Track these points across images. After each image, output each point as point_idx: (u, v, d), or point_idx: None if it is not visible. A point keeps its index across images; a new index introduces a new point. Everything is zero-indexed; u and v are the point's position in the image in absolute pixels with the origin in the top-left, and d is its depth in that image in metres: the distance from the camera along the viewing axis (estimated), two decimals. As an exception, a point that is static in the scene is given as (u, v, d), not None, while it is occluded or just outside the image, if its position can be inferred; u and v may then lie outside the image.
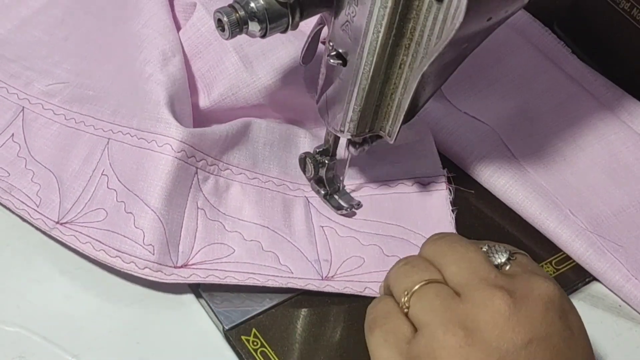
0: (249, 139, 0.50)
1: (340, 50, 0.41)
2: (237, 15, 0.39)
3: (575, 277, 0.49)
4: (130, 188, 0.45)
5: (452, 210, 0.50)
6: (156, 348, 0.43)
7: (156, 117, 0.46)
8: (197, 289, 0.45)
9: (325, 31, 0.43)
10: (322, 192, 0.49)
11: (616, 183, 0.53)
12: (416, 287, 0.37)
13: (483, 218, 0.51)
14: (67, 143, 0.49)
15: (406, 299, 0.37)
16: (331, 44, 0.41)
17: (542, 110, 0.56)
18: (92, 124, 0.49)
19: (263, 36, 0.40)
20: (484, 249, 0.39)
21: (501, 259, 0.38)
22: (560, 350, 0.35)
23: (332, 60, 0.41)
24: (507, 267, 0.38)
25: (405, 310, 0.37)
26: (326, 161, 0.48)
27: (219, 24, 0.40)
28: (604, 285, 0.48)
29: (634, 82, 0.57)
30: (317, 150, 0.48)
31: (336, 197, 0.49)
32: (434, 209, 0.50)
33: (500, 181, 0.52)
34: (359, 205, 0.49)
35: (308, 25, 0.43)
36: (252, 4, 0.39)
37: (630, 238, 0.49)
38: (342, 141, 0.47)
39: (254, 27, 0.39)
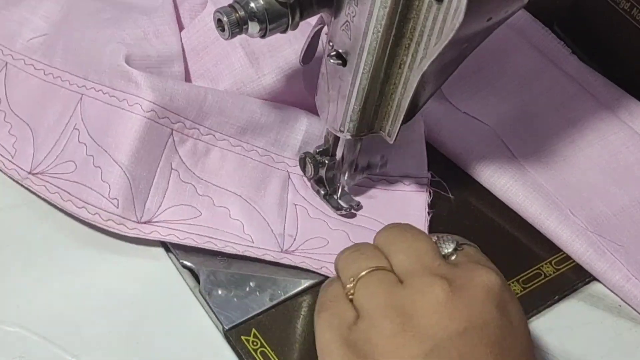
0: (242, 109, 0.49)
1: (340, 50, 0.41)
2: (237, 15, 0.39)
3: (575, 277, 0.49)
4: (100, 143, 0.47)
5: (428, 213, 0.50)
6: (156, 348, 0.43)
7: (127, 76, 0.47)
8: (197, 287, 0.45)
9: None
10: (322, 192, 0.49)
11: (616, 183, 0.53)
12: (362, 273, 0.37)
13: (483, 218, 0.51)
14: (44, 97, 0.50)
15: (351, 285, 0.37)
16: (331, 44, 0.41)
17: (542, 110, 0.56)
18: (67, 79, 0.50)
19: (263, 36, 0.40)
20: (434, 239, 0.39)
21: (448, 248, 0.39)
22: (497, 340, 0.35)
23: (332, 60, 0.41)
24: (454, 257, 0.39)
25: (350, 296, 0.37)
26: (326, 161, 0.48)
27: (219, 23, 0.40)
28: (604, 285, 0.48)
29: (634, 82, 0.57)
30: (317, 150, 0.48)
31: (336, 197, 0.49)
32: (410, 208, 0.50)
33: (501, 181, 0.52)
34: (359, 206, 0.49)
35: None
36: (252, 4, 0.39)
37: (631, 238, 0.49)
38: (342, 141, 0.47)
39: (253, 27, 0.39)
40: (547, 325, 0.46)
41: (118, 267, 0.46)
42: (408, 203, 0.51)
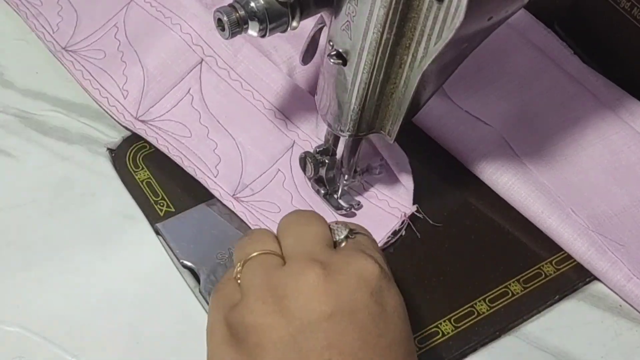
0: (271, 68, 0.52)
1: (340, 50, 0.41)
2: (237, 14, 0.39)
3: (575, 276, 0.49)
4: (133, 44, 0.53)
5: (388, 237, 0.49)
6: (156, 348, 0.43)
7: (180, 1, 0.53)
8: (197, 287, 0.45)
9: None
10: (322, 191, 0.49)
11: (618, 182, 0.53)
12: (249, 257, 0.38)
13: (483, 218, 0.51)
14: None
15: (239, 268, 0.38)
16: (331, 44, 0.41)
17: (543, 110, 0.56)
18: None
19: (263, 36, 0.40)
20: (331, 226, 0.40)
21: (340, 235, 0.40)
22: (366, 326, 0.35)
23: (332, 60, 0.41)
24: (343, 244, 0.39)
25: (238, 280, 0.38)
26: (326, 161, 0.48)
27: (219, 23, 0.40)
28: (605, 285, 0.48)
29: (634, 82, 0.57)
30: (317, 149, 0.48)
31: (336, 196, 0.49)
32: (378, 223, 0.49)
33: (503, 179, 0.52)
34: (359, 205, 0.49)
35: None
36: (252, 4, 0.39)
37: (632, 237, 0.49)
38: (342, 141, 0.47)
39: (253, 26, 0.39)
40: (547, 325, 0.46)
41: (118, 267, 0.46)
42: (378, 219, 0.50)
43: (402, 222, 0.49)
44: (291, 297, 0.35)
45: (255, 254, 0.38)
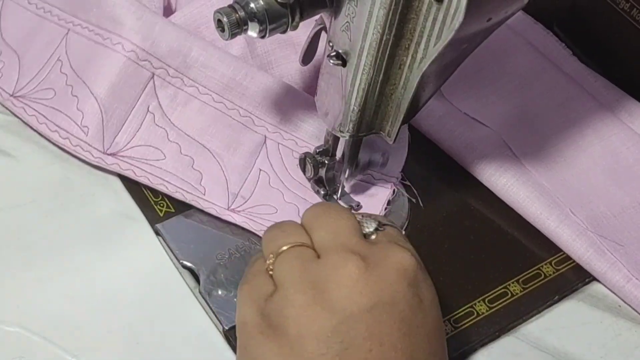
0: (228, 66, 0.50)
1: (340, 51, 0.41)
2: (237, 15, 0.39)
3: (575, 277, 0.49)
4: (80, 75, 0.50)
5: (385, 208, 0.50)
6: (156, 348, 0.43)
7: (114, 17, 0.50)
8: (197, 287, 0.45)
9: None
10: (322, 192, 0.49)
11: (617, 183, 0.53)
12: (281, 249, 0.38)
13: (483, 218, 0.51)
14: (34, 29, 0.54)
15: (271, 260, 0.38)
16: (331, 44, 0.41)
17: (543, 111, 0.56)
18: (57, 14, 0.53)
19: (263, 37, 0.40)
20: (358, 218, 0.40)
21: (370, 228, 0.40)
22: (406, 317, 0.36)
23: (332, 61, 0.41)
24: (373, 237, 0.40)
25: (270, 271, 0.38)
26: (326, 161, 0.48)
27: (219, 24, 0.40)
28: (604, 286, 0.48)
29: (633, 83, 0.57)
30: (317, 150, 0.48)
31: (335, 197, 0.49)
32: (370, 199, 0.50)
33: (502, 180, 0.52)
34: (359, 206, 0.49)
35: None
36: (252, 5, 0.39)
37: (631, 238, 0.49)
38: (342, 142, 0.47)
39: (253, 27, 0.39)
40: (547, 325, 0.46)
41: (118, 267, 0.46)
42: (369, 195, 0.51)
43: (394, 191, 0.50)
44: (332, 289, 0.35)
45: (287, 246, 0.38)
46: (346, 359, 0.34)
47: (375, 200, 0.50)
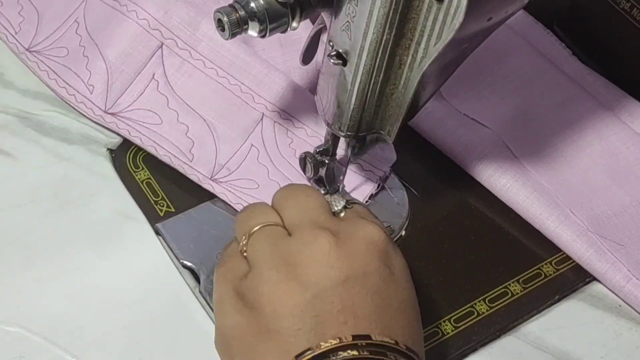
0: (233, 43, 0.51)
1: (340, 50, 0.41)
2: (237, 15, 0.39)
3: (575, 277, 0.49)
4: (94, 37, 0.53)
5: (366, 201, 0.50)
6: (156, 348, 0.43)
7: None
8: (197, 287, 0.45)
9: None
10: (322, 191, 0.49)
11: (617, 183, 0.53)
12: (253, 230, 0.39)
13: (483, 218, 0.51)
14: None
15: (244, 242, 0.39)
16: (331, 44, 0.41)
17: (543, 111, 0.56)
18: None
19: (263, 36, 0.40)
20: (327, 198, 0.41)
21: (338, 206, 0.41)
22: (378, 289, 0.36)
23: (332, 60, 0.41)
24: (342, 214, 0.41)
25: (244, 252, 0.39)
26: (326, 161, 0.48)
27: (219, 23, 0.40)
28: (604, 286, 0.48)
29: (633, 82, 0.57)
30: (317, 150, 0.48)
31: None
32: (354, 186, 0.51)
33: (501, 181, 0.52)
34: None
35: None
36: (252, 4, 0.39)
37: (632, 238, 0.49)
38: (342, 142, 0.47)
39: (253, 27, 0.39)
40: (547, 325, 0.46)
41: (118, 267, 0.46)
42: (353, 182, 0.51)
43: (378, 186, 0.51)
44: (304, 265, 0.36)
45: (258, 226, 0.39)
46: (321, 333, 0.35)
47: (357, 193, 0.51)
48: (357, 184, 0.51)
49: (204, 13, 0.52)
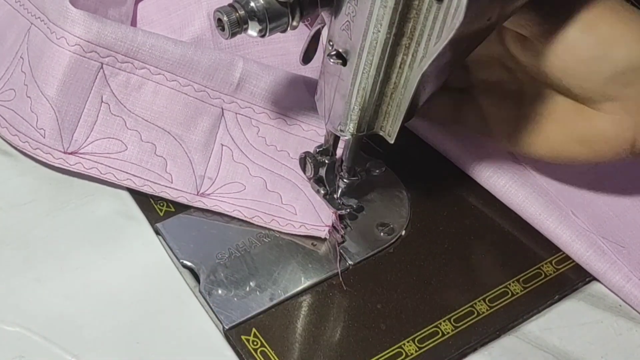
0: (175, 44, 0.49)
1: (340, 50, 0.41)
2: (237, 14, 0.39)
3: (575, 276, 0.49)
4: (34, 74, 0.49)
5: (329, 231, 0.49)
6: (156, 348, 0.43)
7: (59, 9, 0.48)
8: (197, 287, 0.45)
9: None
10: (322, 191, 0.49)
11: (618, 183, 0.53)
12: None
13: (483, 218, 0.51)
14: (9, 23, 0.52)
15: None
16: (331, 43, 0.41)
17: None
18: (27, 7, 0.51)
19: (263, 36, 0.40)
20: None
21: None
22: None
23: (332, 60, 0.41)
24: None
25: None
26: (326, 161, 0.48)
27: (219, 23, 0.40)
28: (604, 286, 0.48)
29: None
30: (317, 149, 0.48)
31: (336, 197, 0.49)
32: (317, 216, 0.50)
33: (500, 181, 0.52)
34: (358, 204, 0.49)
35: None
36: (252, 4, 0.39)
37: (633, 238, 0.49)
38: (342, 143, 0.47)
39: (253, 26, 0.39)
40: (547, 325, 0.46)
41: (118, 267, 0.46)
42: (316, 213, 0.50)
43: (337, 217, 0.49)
44: None
45: None
46: None
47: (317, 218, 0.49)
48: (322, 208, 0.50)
49: (136, 27, 0.50)
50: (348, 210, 0.49)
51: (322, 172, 0.48)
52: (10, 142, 0.49)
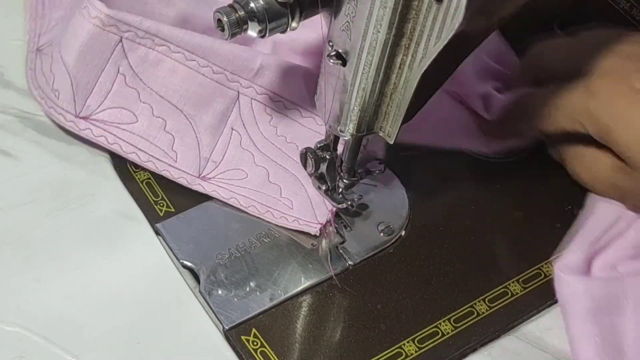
0: (194, 27, 0.50)
1: (340, 50, 0.41)
2: (237, 15, 0.39)
3: (575, 277, 0.49)
4: (59, 38, 0.50)
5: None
6: (156, 348, 0.43)
7: None
8: (197, 287, 0.45)
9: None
10: (323, 187, 0.49)
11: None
12: None
13: (483, 218, 0.51)
14: None
15: None
16: (331, 44, 0.41)
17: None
18: None
19: (263, 36, 0.40)
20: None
21: None
22: None
23: (332, 60, 0.41)
24: None
25: None
26: (327, 157, 0.48)
27: (219, 23, 0.40)
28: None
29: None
30: (319, 145, 0.48)
31: (337, 192, 0.49)
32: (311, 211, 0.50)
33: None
34: (360, 197, 0.49)
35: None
36: (252, 4, 0.39)
37: None
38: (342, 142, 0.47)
39: (253, 27, 0.39)
40: (547, 325, 0.46)
41: (118, 267, 0.46)
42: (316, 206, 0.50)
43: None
44: None
45: None
46: None
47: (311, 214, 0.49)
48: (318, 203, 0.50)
49: (156, 2, 0.50)
50: (350, 203, 0.49)
51: (323, 168, 0.48)
52: (31, 90, 0.51)
